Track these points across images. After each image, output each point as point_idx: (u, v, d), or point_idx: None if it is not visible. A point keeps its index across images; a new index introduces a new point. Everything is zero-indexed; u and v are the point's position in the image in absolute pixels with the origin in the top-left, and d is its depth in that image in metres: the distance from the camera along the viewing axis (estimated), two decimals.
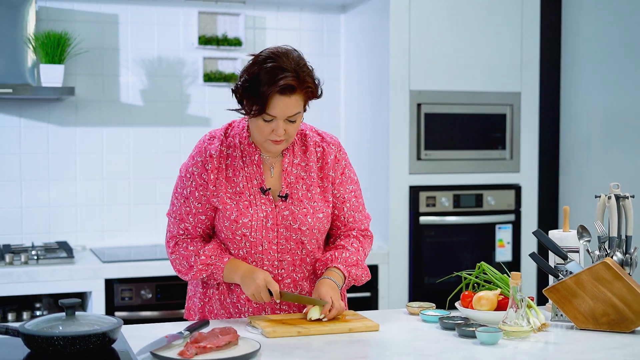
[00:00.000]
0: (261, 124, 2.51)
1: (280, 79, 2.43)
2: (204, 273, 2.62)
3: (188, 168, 2.63)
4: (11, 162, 4.46)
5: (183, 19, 4.72)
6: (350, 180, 2.73)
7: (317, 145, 2.69)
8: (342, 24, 5.01)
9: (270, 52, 2.51)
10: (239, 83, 2.53)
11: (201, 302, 2.73)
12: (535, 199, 4.73)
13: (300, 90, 2.48)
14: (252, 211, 2.58)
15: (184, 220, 2.65)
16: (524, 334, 2.44)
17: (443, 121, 4.54)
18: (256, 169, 2.62)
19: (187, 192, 2.63)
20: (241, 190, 2.59)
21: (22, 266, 3.96)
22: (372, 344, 2.40)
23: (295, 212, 2.61)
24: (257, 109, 2.46)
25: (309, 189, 2.65)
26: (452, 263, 4.50)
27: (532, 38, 4.69)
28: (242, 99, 2.53)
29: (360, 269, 2.73)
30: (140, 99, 4.67)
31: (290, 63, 2.47)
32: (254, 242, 2.60)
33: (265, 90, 2.43)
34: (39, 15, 4.42)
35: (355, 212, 2.75)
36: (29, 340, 2.21)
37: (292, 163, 2.65)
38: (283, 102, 2.46)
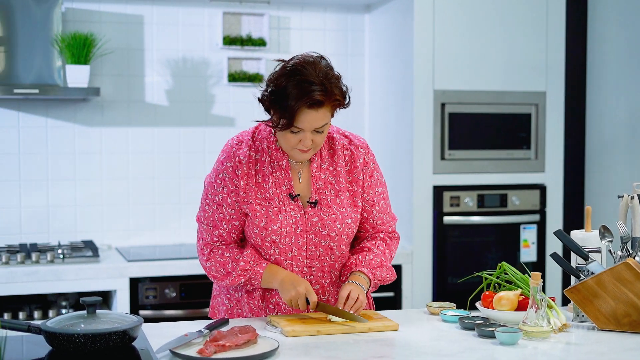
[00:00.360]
0: (288, 136, 2.49)
1: (307, 94, 2.41)
2: (242, 278, 2.61)
3: (218, 174, 2.61)
4: (38, 161, 4.51)
5: (207, 19, 4.75)
6: (378, 182, 2.72)
7: (345, 149, 2.67)
8: (367, 24, 5.01)
9: (298, 63, 2.47)
10: (265, 93, 2.50)
11: (230, 303, 2.73)
12: (560, 198, 4.70)
13: (328, 103, 2.46)
14: (281, 217, 2.57)
15: (217, 227, 2.63)
16: (544, 334, 2.42)
17: (467, 121, 4.52)
18: (284, 174, 2.61)
19: (219, 198, 2.61)
20: (270, 196, 2.58)
21: (48, 265, 4.00)
22: (391, 344, 2.40)
23: (324, 218, 2.60)
24: (285, 123, 2.45)
25: (337, 194, 2.63)
26: (476, 263, 4.48)
27: (558, 37, 4.65)
28: (269, 109, 2.52)
29: (385, 270, 2.72)
30: (165, 99, 4.70)
31: (318, 75, 2.44)
32: (284, 248, 2.60)
33: (293, 105, 2.41)
34: (65, 16, 4.47)
35: (384, 214, 2.74)
36: (51, 337, 2.23)
37: (320, 168, 2.64)
38: (311, 116, 2.44)
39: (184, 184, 4.73)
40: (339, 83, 2.50)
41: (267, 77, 2.52)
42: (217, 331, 2.33)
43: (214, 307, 2.81)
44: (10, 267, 3.94)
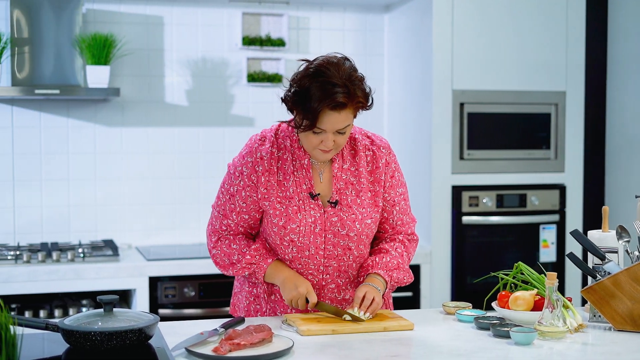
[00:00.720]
0: (311, 136, 2.50)
1: (331, 96, 2.41)
2: (246, 271, 2.64)
3: (237, 167, 2.64)
4: (59, 161, 4.54)
5: (227, 19, 4.77)
6: (400, 183, 2.72)
7: (367, 149, 2.67)
8: (386, 24, 5.01)
9: (322, 64, 2.47)
10: (289, 94, 2.51)
11: (247, 300, 2.75)
12: (580, 199, 4.67)
13: (350, 105, 2.46)
14: (300, 216, 2.58)
15: (227, 217, 2.67)
16: (559, 334, 2.42)
17: (486, 121, 4.51)
18: (306, 173, 2.61)
19: (233, 189, 2.64)
20: (291, 195, 2.59)
21: (69, 263, 4.04)
22: (406, 343, 2.41)
23: (344, 218, 2.60)
24: (307, 124, 2.46)
25: (358, 194, 2.63)
26: (495, 263, 4.47)
27: (578, 36, 4.63)
28: (292, 109, 2.53)
29: (402, 272, 2.72)
30: (185, 100, 4.73)
31: (341, 77, 2.44)
32: (301, 246, 2.61)
33: (316, 106, 2.42)
34: (86, 17, 4.51)
35: (404, 215, 2.74)
36: (68, 335, 2.25)
37: (342, 168, 2.64)
38: (333, 118, 2.45)
39: (204, 184, 4.75)
40: (362, 85, 2.50)
41: (291, 77, 2.53)
42: (232, 330, 2.35)
43: (234, 304, 2.84)
44: (32, 266, 3.98)
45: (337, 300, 2.69)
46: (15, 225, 4.49)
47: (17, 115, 4.46)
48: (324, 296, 2.67)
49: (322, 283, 2.66)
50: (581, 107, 4.66)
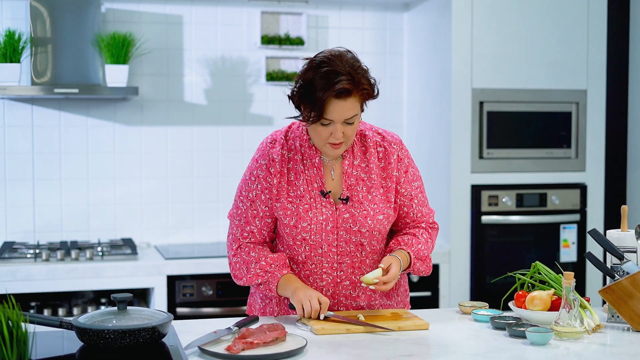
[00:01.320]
0: (319, 129, 2.51)
1: (335, 84, 2.43)
2: (259, 278, 2.63)
3: (253, 171, 2.65)
4: (79, 160, 4.56)
5: (246, 18, 4.77)
6: (415, 177, 2.72)
7: (378, 145, 2.68)
8: (405, 22, 4.99)
9: (325, 56, 2.50)
10: (294, 89, 2.54)
11: (262, 302, 2.76)
12: (601, 198, 4.63)
13: (356, 92, 2.47)
14: (311, 215, 2.59)
15: (249, 223, 2.66)
16: (576, 335, 2.39)
17: (506, 119, 4.48)
18: (317, 171, 2.62)
19: (253, 195, 2.64)
20: (302, 193, 2.60)
21: (87, 262, 4.05)
22: (420, 343, 2.39)
23: (355, 214, 2.61)
24: (315, 115, 2.47)
25: (369, 190, 2.64)
26: (515, 263, 4.43)
27: (599, 33, 4.59)
28: (299, 104, 2.54)
29: (425, 265, 2.73)
30: (204, 99, 4.73)
31: (345, 66, 2.46)
32: (314, 245, 2.61)
33: (321, 95, 2.43)
34: (106, 17, 4.52)
35: (423, 207, 2.75)
36: (82, 333, 2.26)
37: (352, 165, 2.65)
38: (339, 106, 2.46)
39: (223, 183, 4.75)
40: (366, 74, 2.52)
41: (297, 75, 2.55)
42: (245, 328, 2.34)
43: (251, 304, 2.84)
44: (51, 265, 3.99)
45: (352, 297, 2.68)
46: (35, 224, 4.51)
47: (37, 114, 4.49)
48: (339, 294, 2.66)
49: (337, 280, 2.65)
50: (602, 105, 4.61)
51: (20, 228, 4.50)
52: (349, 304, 2.68)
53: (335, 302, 2.67)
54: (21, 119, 4.47)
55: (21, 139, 4.49)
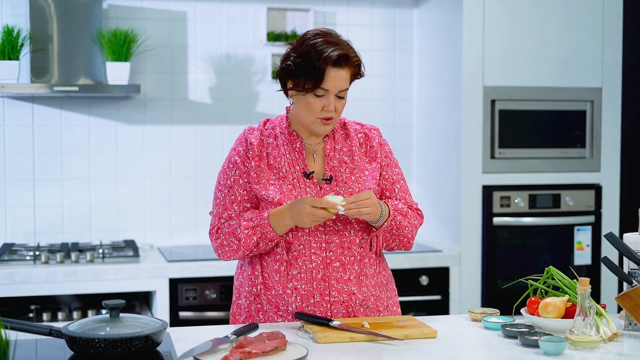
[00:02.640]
0: (312, 101, 2.54)
1: (333, 51, 2.50)
2: (254, 237, 2.57)
3: (230, 159, 2.66)
4: (80, 160, 4.47)
5: (252, 15, 4.67)
6: (395, 164, 2.75)
7: (358, 132, 2.72)
8: (415, 19, 4.88)
9: (316, 30, 2.59)
10: (288, 63, 2.56)
11: (247, 300, 2.68)
12: (616, 199, 4.51)
13: (351, 63, 2.54)
14: (295, 193, 2.58)
15: (227, 209, 2.64)
16: (592, 344, 2.28)
17: (518, 118, 4.37)
18: (298, 155, 2.64)
19: (230, 181, 2.64)
20: (284, 174, 2.61)
21: (88, 264, 3.96)
22: (427, 352, 2.28)
23: (340, 192, 2.60)
24: (312, 83, 2.51)
25: (352, 172, 2.65)
26: (527, 266, 4.32)
27: (615, 29, 4.47)
28: (290, 79, 2.57)
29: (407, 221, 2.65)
30: (209, 97, 4.63)
31: (338, 37, 2.57)
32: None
33: (321, 63, 2.49)
34: (107, 13, 4.43)
35: (406, 194, 2.75)
36: (72, 342, 2.17)
37: (334, 149, 2.67)
38: (336, 75, 2.52)
39: None
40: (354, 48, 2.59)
41: (284, 53, 2.60)
42: (243, 337, 2.24)
43: (234, 313, 2.76)
44: (50, 267, 3.90)
45: (343, 280, 2.59)
46: (36, 225, 4.42)
47: (38, 113, 4.40)
48: (329, 276, 2.58)
49: (326, 261, 2.58)
50: (618, 103, 4.50)
51: (21, 229, 4.41)
52: (341, 288, 2.58)
53: (327, 286, 2.57)
54: (21, 118, 4.39)
55: (22, 139, 4.40)
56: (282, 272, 2.59)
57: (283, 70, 2.59)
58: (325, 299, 2.58)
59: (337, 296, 2.59)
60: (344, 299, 2.59)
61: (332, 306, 2.58)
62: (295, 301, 2.58)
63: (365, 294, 2.63)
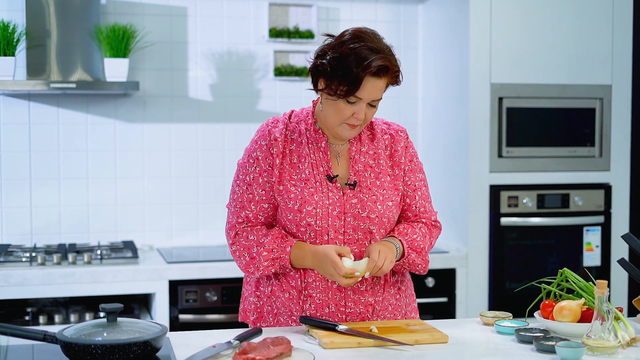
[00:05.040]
0: (342, 106, 2.40)
1: (373, 60, 2.33)
2: (272, 269, 2.48)
3: (251, 153, 2.52)
4: (78, 159, 4.38)
5: (253, 11, 4.57)
6: (419, 169, 2.64)
7: (385, 133, 2.60)
8: (420, 15, 4.78)
9: (358, 31, 2.40)
10: (323, 61, 2.39)
11: (260, 301, 2.60)
12: (627, 199, 4.42)
13: (390, 72, 2.39)
14: (317, 198, 2.46)
15: (244, 208, 2.52)
16: (610, 349, 2.18)
17: (526, 116, 4.27)
18: (323, 156, 2.51)
19: (250, 178, 2.51)
20: (307, 177, 2.48)
21: (85, 266, 3.86)
22: (438, 358, 2.18)
23: (364, 200, 2.48)
24: (346, 89, 2.36)
25: (377, 177, 2.53)
26: (536, 267, 4.23)
27: (625, 27, 4.37)
28: (323, 78, 2.41)
29: (420, 259, 2.56)
30: (210, 94, 4.54)
31: (380, 43, 2.38)
32: (319, 231, 2.46)
33: (359, 71, 2.33)
34: (106, 8, 4.34)
35: (426, 201, 2.63)
36: (67, 348, 2.08)
37: (360, 151, 2.54)
38: (373, 85, 2.37)
39: (229, 183, 4.54)
40: (395, 55, 2.43)
41: (320, 48, 2.43)
42: (247, 343, 2.14)
43: (245, 309, 2.67)
44: (46, 269, 3.80)
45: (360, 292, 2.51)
46: (33, 225, 4.32)
47: (34, 110, 4.30)
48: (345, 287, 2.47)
49: None
50: (628, 101, 4.41)
51: (17, 230, 4.31)
52: (357, 299, 2.50)
53: (342, 297, 2.49)
54: (18, 115, 4.29)
55: (18, 137, 4.30)
56: (297, 278, 2.50)
57: (317, 68, 2.41)
58: (340, 310, 2.49)
59: (353, 307, 2.50)
60: (360, 310, 2.51)
61: (348, 317, 2.50)
62: (310, 309, 2.49)
63: (382, 304, 2.54)
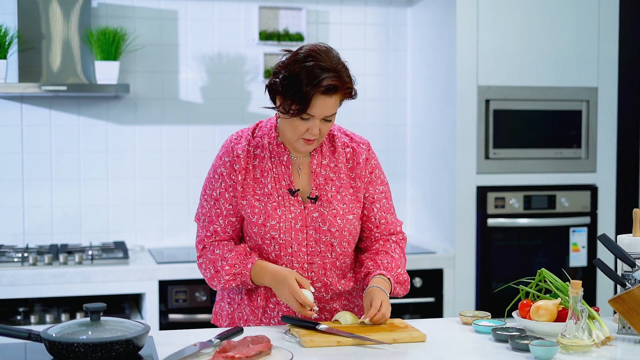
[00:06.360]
0: (297, 123, 2.44)
1: (323, 79, 2.37)
2: (232, 283, 2.55)
3: (216, 169, 2.58)
4: (70, 160, 4.42)
5: (243, 14, 4.61)
6: (380, 180, 2.65)
7: (346, 146, 2.62)
8: (409, 18, 4.83)
9: (311, 50, 2.44)
10: (276, 80, 2.45)
11: (231, 307, 2.67)
12: (612, 200, 4.46)
13: (341, 90, 2.42)
14: (279, 212, 2.52)
15: (213, 222, 2.58)
16: (584, 348, 2.23)
17: (513, 118, 4.31)
18: (285, 169, 2.55)
19: (216, 193, 2.57)
20: (269, 191, 2.53)
21: (76, 266, 3.91)
22: (415, 356, 2.23)
23: (324, 213, 2.54)
24: (297, 108, 2.40)
25: (338, 190, 2.58)
26: (522, 268, 4.27)
27: (611, 28, 4.41)
28: (279, 96, 2.46)
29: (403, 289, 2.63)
30: (200, 97, 4.58)
31: (331, 62, 2.41)
32: (283, 244, 2.53)
33: (309, 90, 2.37)
34: (97, 11, 4.38)
35: (387, 213, 2.66)
36: (51, 346, 2.12)
37: (321, 164, 2.59)
38: (324, 102, 2.40)
39: None
40: (348, 72, 2.46)
41: (276, 65, 2.48)
42: (227, 341, 2.19)
43: (216, 312, 2.75)
44: (38, 269, 3.84)
45: (325, 300, 2.60)
46: (25, 226, 4.37)
47: (27, 113, 4.34)
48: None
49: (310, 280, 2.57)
50: (614, 103, 4.44)
51: (10, 230, 4.35)
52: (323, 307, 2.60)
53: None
54: (10, 117, 4.33)
55: (10, 139, 4.34)
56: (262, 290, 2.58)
57: (272, 86, 2.47)
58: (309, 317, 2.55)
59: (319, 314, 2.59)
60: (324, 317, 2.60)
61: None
62: (278, 316, 2.57)
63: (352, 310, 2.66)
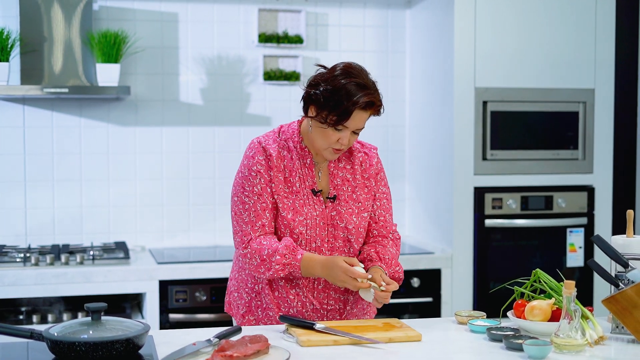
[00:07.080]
0: (330, 132, 2.60)
1: (362, 96, 2.56)
2: (281, 273, 2.62)
3: (252, 167, 2.67)
4: (71, 162, 4.45)
5: (243, 16, 4.65)
6: (384, 182, 2.84)
7: (359, 151, 2.82)
8: (407, 20, 4.86)
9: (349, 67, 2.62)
10: (316, 91, 2.59)
11: (248, 296, 2.76)
12: (609, 201, 4.49)
13: (375, 107, 2.62)
14: (306, 210, 2.68)
15: (260, 217, 2.66)
16: (577, 347, 2.26)
17: (510, 119, 4.34)
18: (308, 171, 2.72)
19: (258, 189, 2.66)
20: (297, 189, 2.69)
21: (77, 266, 3.94)
22: (411, 355, 2.26)
23: (342, 212, 2.71)
24: (336, 119, 2.57)
25: (354, 190, 2.76)
26: (519, 268, 4.29)
27: (608, 30, 4.44)
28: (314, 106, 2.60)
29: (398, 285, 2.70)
30: (200, 98, 4.61)
31: (369, 81, 2.62)
32: (309, 239, 2.68)
33: (350, 105, 2.55)
34: (99, 14, 4.41)
35: (386, 213, 2.82)
36: (53, 345, 2.16)
37: (338, 166, 2.77)
38: (360, 117, 2.60)
39: (219, 185, 4.63)
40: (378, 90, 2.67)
41: (313, 77, 2.64)
42: (225, 340, 2.23)
43: (229, 302, 2.85)
44: (40, 269, 3.88)
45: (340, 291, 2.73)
46: (27, 226, 4.40)
47: (29, 114, 4.38)
48: (329, 287, 2.71)
49: None
50: (611, 105, 4.47)
51: (12, 231, 4.39)
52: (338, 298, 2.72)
53: (325, 296, 2.72)
54: (12, 119, 4.37)
55: (13, 140, 4.38)
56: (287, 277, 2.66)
57: (310, 96, 2.62)
58: (323, 307, 2.70)
59: (334, 305, 2.72)
60: (339, 307, 2.73)
61: (329, 313, 2.72)
62: (297, 306, 2.68)
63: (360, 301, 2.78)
